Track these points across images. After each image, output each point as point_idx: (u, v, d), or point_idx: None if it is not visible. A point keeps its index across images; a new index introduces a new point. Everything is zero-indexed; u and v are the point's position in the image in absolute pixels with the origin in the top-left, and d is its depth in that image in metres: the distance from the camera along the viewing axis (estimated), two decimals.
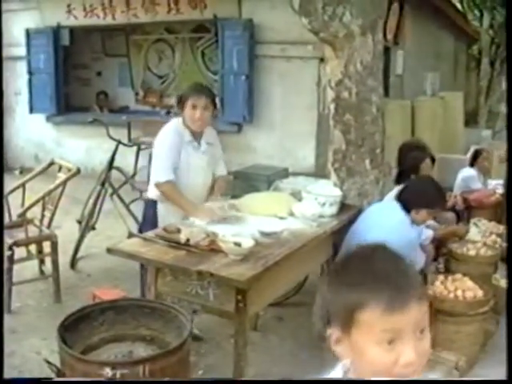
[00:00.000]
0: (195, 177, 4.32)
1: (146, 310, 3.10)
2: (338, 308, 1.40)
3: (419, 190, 4.43)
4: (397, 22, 10.06)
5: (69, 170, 5.43)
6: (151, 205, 4.39)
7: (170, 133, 4.31)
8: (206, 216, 3.98)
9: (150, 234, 3.79)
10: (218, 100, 8.86)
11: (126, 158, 6.77)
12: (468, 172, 7.52)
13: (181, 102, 4.35)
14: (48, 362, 2.81)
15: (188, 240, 3.51)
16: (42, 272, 5.69)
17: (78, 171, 5.34)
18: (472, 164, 7.58)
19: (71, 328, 2.87)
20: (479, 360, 4.27)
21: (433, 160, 5.72)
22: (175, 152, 4.22)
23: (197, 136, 4.37)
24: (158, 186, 4.23)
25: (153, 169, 4.32)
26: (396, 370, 1.32)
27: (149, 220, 4.33)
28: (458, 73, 18.52)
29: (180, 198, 4.22)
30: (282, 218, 4.13)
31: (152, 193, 4.38)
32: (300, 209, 4.25)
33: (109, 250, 3.57)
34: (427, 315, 1.37)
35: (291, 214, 4.23)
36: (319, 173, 7.45)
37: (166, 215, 4.26)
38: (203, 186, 4.45)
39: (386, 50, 7.74)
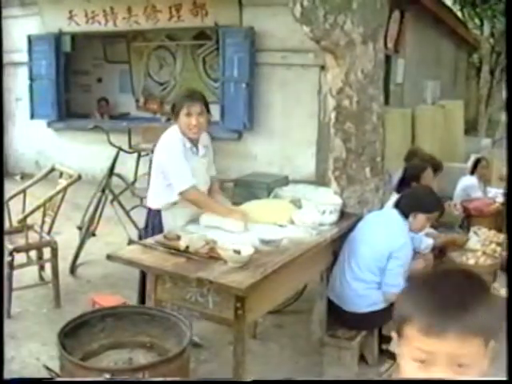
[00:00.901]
0: (198, 181, 4.26)
1: (146, 316, 3.11)
2: (396, 316, 1.44)
3: (416, 196, 4.47)
4: (397, 31, 10.09)
5: (70, 176, 5.43)
6: (155, 214, 4.35)
7: (175, 140, 4.24)
8: (241, 218, 4.03)
9: (149, 240, 3.80)
10: (218, 107, 8.99)
11: (126, 165, 6.79)
12: (468, 181, 7.53)
13: (174, 110, 4.28)
14: (47, 368, 2.82)
15: (188, 247, 3.52)
16: (41, 278, 5.69)
17: (79, 177, 5.34)
18: (472, 172, 7.60)
19: (71, 334, 2.88)
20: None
21: (435, 170, 5.76)
22: (184, 156, 4.17)
23: (194, 141, 4.33)
24: (184, 194, 4.15)
25: (172, 178, 4.19)
26: None
27: (155, 229, 4.27)
28: (458, 81, 18.56)
29: (211, 202, 4.26)
30: (281, 226, 4.13)
31: (153, 203, 4.36)
32: (300, 217, 4.26)
33: (109, 257, 3.57)
34: (476, 356, 1.36)
35: (291, 222, 4.24)
36: (319, 181, 7.46)
37: (173, 222, 4.22)
38: (203, 187, 4.42)
39: (387, 59, 7.75)
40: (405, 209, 4.34)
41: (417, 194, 4.55)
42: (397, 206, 4.42)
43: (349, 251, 4.34)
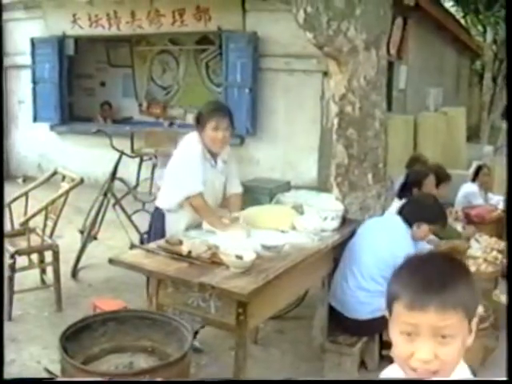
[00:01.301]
0: (207, 195, 4.22)
1: (147, 321, 3.11)
2: (386, 296, 1.64)
3: (421, 205, 4.45)
4: (400, 37, 10.11)
5: (72, 179, 5.43)
6: (158, 217, 4.35)
7: (196, 147, 4.20)
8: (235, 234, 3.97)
9: (152, 245, 3.81)
10: None
11: (128, 169, 6.79)
12: (469, 188, 7.54)
13: (200, 121, 4.23)
14: (48, 372, 2.83)
15: (190, 252, 3.52)
16: (43, 281, 5.69)
17: (82, 181, 5.34)
18: (474, 180, 7.60)
19: (73, 338, 2.88)
20: (478, 376, 4.26)
21: (441, 179, 5.78)
22: (201, 165, 4.15)
23: (214, 155, 4.29)
24: (190, 198, 4.14)
25: (181, 181, 4.18)
26: (412, 363, 1.50)
27: (157, 232, 4.27)
28: (461, 88, 18.58)
29: (212, 214, 4.19)
30: (283, 232, 4.13)
31: (163, 202, 4.34)
32: (302, 222, 4.25)
33: (111, 261, 3.58)
34: (458, 329, 1.51)
35: (293, 228, 4.24)
36: (321, 186, 7.47)
37: (175, 226, 4.22)
38: (213, 204, 4.37)
39: (389, 65, 7.77)
40: (409, 217, 4.33)
41: (422, 203, 4.50)
42: (400, 212, 4.42)
43: (350, 258, 4.34)
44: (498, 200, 7.51)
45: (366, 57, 4.48)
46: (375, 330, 4.35)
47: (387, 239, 4.25)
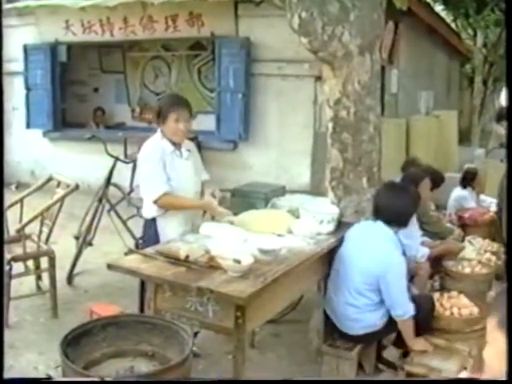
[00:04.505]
0: (186, 184, 4.31)
1: (148, 325, 3.12)
2: None
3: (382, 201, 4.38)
4: (391, 41, 10.15)
5: (67, 185, 5.43)
6: (150, 224, 4.35)
7: (152, 149, 4.29)
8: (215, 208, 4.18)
9: (149, 250, 3.82)
10: (213, 117, 9.03)
11: (121, 175, 6.77)
12: (459, 192, 7.58)
13: (160, 114, 4.31)
14: (49, 377, 2.83)
15: (187, 256, 3.53)
16: (39, 287, 5.69)
17: (77, 187, 5.34)
18: (464, 183, 7.63)
19: (73, 343, 2.89)
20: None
21: (437, 182, 5.82)
22: (161, 164, 4.20)
23: (177, 146, 4.35)
24: (157, 202, 4.18)
25: (145, 188, 4.27)
26: None
27: (150, 239, 4.27)
28: (452, 91, 18.65)
29: (182, 200, 4.28)
30: (280, 236, 4.15)
31: (147, 212, 4.36)
32: (298, 226, 4.28)
33: (109, 266, 3.59)
34: None
35: (289, 232, 4.26)
36: (314, 190, 7.48)
37: (167, 230, 4.23)
38: (195, 192, 4.44)
39: (381, 69, 7.80)
40: (384, 214, 4.27)
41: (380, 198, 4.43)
42: (376, 217, 4.35)
43: (339, 269, 4.28)
44: (490, 202, 7.55)
45: (360, 61, 4.50)
46: (370, 341, 4.36)
47: (371, 253, 4.15)
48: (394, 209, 4.24)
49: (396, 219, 4.25)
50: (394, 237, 4.24)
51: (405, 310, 4.10)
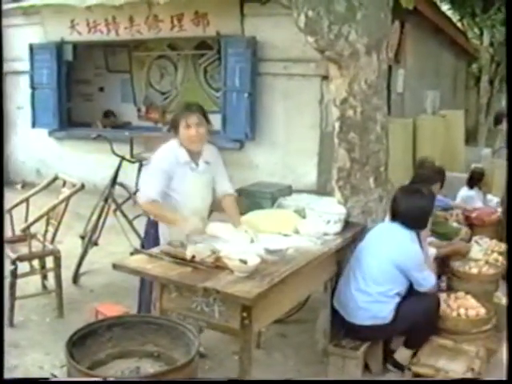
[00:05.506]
0: (194, 198, 4.27)
1: (153, 326, 3.11)
2: None
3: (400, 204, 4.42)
4: (398, 41, 10.12)
5: (73, 185, 5.43)
6: (152, 223, 4.36)
7: (166, 154, 4.25)
8: (191, 227, 4.01)
9: (155, 250, 3.81)
10: (219, 117, 9.00)
11: (127, 174, 6.77)
12: (466, 192, 7.57)
13: (174, 125, 4.28)
14: (54, 377, 2.83)
15: (194, 257, 3.53)
16: (44, 287, 5.69)
17: (83, 186, 5.33)
18: (471, 183, 7.62)
19: (78, 343, 2.88)
20: (481, 378, 4.28)
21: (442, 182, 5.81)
22: (165, 175, 4.16)
23: (195, 156, 4.30)
24: (141, 204, 4.22)
25: (141, 188, 4.33)
26: None
27: (151, 238, 4.29)
28: (458, 91, 18.61)
29: (163, 212, 4.18)
30: (286, 236, 4.15)
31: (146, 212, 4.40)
32: (304, 226, 4.27)
33: (115, 266, 3.60)
34: None
35: (295, 232, 4.25)
36: (321, 190, 7.48)
37: (168, 233, 4.21)
38: (202, 207, 4.41)
39: (387, 69, 7.79)
40: (404, 219, 4.33)
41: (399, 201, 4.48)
42: (394, 219, 4.42)
43: (354, 263, 4.34)
44: (497, 202, 7.53)
45: (367, 61, 4.48)
46: (375, 336, 4.35)
47: (388, 243, 4.27)
48: (413, 212, 4.32)
49: (416, 222, 4.34)
50: (413, 236, 4.33)
51: (428, 286, 4.29)
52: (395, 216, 4.39)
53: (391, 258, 4.17)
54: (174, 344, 3.03)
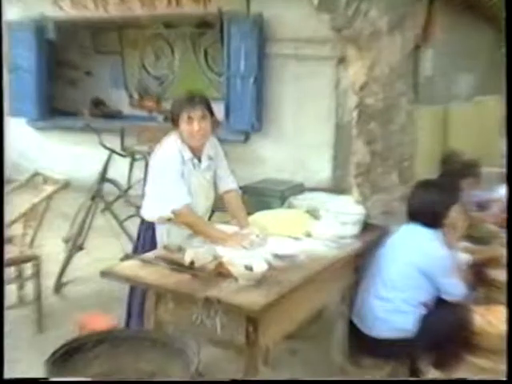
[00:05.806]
0: (197, 198, 4.28)
1: (147, 341, 3.12)
2: None
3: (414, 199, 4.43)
4: (426, 17, 10.09)
5: (56, 181, 5.43)
6: (148, 226, 4.39)
7: (174, 152, 4.21)
8: (236, 243, 3.96)
9: (149, 255, 3.82)
10: (222, 105, 9.00)
11: (117, 169, 6.78)
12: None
13: (173, 117, 4.24)
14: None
15: (193, 262, 3.53)
16: (20, 299, 5.59)
17: (67, 184, 5.34)
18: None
19: (60, 362, 2.87)
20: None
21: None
22: (180, 173, 4.16)
23: (196, 151, 4.30)
24: (175, 213, 4.14)
25: (166, 193, 4.18)
26: None
27: (146, 243, 4.31)
28: (496, 74, 18.52)
29: (205, 224, 4.22)
30: (297, 239, 4.15)
31: (147, 213, 4.40)
32: (318, 229, 4.28)
33: (103, 274, 3.59)
34: None
35: (307, 235, 4.26)
36: (336, 188, 7.47)
37: (167, 238, 4.24)
38: (204, 205, 4.44)
39: (414, 49, 7.77)
40: (421, 217, 4.31)
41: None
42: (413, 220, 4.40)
43: (374, 269, 4.34)
44: None
45: (389, 40, 4.49)
46: (396, 353, 4.32)
47: (408, 246, 4.26)
48: (430, 208, 4.27)
49: (435, 219, 4.29)
50: (437, 236, 4.29)
51: (457, 294, 4.28)
52: (411, 214, 4.37)
53: (412, 261, 4.15)
54: (171, 362, 3.03)
